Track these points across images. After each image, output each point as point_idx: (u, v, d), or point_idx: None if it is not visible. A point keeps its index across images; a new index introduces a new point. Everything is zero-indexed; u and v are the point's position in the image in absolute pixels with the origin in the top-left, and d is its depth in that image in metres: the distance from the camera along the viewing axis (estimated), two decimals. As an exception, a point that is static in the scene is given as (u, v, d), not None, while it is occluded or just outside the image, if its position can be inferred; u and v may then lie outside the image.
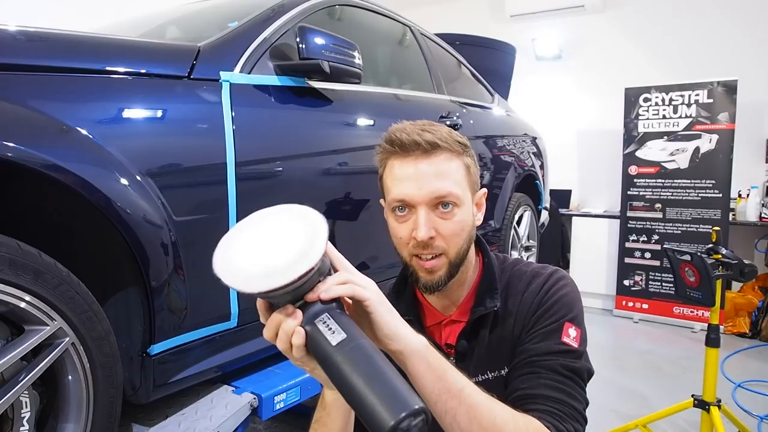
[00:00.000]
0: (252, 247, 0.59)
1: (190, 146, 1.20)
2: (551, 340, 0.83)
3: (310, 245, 0.57)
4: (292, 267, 0.55)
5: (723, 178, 3.84)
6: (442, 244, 0.85)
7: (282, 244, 0.58)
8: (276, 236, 0.59)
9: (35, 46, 1.02)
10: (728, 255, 1.97)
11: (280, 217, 0.62)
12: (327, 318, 0.59)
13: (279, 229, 0.60)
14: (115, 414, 1.05)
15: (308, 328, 0.59)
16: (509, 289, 0.92)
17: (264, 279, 0.54)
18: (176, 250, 1.13)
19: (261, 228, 0.61)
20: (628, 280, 4.22)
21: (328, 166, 1.60)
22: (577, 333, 0.85)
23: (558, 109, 5.04)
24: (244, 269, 0.56)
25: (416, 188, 0.83)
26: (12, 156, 0.87)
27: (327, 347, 0.57)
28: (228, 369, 1.34)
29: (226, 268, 0.56)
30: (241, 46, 1.40)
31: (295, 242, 0.57)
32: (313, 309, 0.59)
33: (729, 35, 4.29)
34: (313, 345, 0.59)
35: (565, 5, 4.86)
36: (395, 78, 2.40)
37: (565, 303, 0.87)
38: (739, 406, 2.64)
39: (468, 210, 0.88)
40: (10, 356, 0.86)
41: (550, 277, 0.91)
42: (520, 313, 0.89)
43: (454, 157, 0.86)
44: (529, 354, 0.83)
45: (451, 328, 0.94)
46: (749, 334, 3.74)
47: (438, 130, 0.86)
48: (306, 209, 0.62)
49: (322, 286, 0.60)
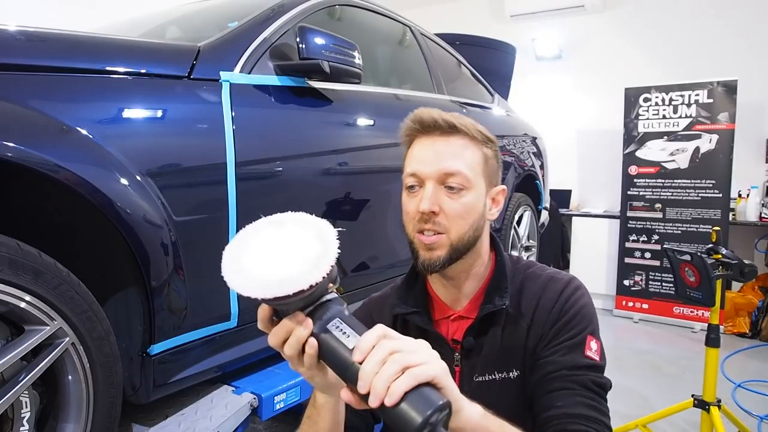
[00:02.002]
0: (262, 254, 0.57)
1: (190, 146, 1.20)
2: (576, 353, 0.84)
3: (324, 252, 0.56)
4: (309, 273, 0.54)
5: (723, 178, 3.84)
6: (444, 222, 0.85)
7: (294, 251, 0.57)
8: (286, 243, 0.58)
9: (35, 46, 1.02)
10: (728, 255, 1.97)
11: (287, 225, 0.61)
12: (339, 323, 0.58)
13: (288, 235, 0.60)
14: (115, 414, 1.05)
15: (321, 335, 0.58)
16: (523, 291, 0.92)
17: (279, 285, 0.53)
18: (176, 250, 1.13)
19: (269, 234, 0.60)
20: (628, 280, 4.22)
21: (328, 166, 1.60)
22: (597, 346, 0.86)
23: (558, 109, 5.04)
24: (257, 275, 0.55)
25: (428, 164, 0.86)
26: (12, 156, 0.87)
27: (344, 354, 0.56)
28: (228, 369, 1.34)
29: (237, 274, 0.55)
30: (241, 46, 1.40)
31: (308, 249, 0.57)
32: (323, 314, 0.58)
33: (729, 35, 4.29)
34: (327, 352, 0.58)
35: (565, 5, 4.86)
36: (395, 78, 2.40)
37: (585, 314, 0.87)
38: (739, 406, 2.64)
39: (478, 197, 0.88)
40: (10, 356, 0.86)
41: (568, 285, 0.90)
42: (537, 320, 0.88)
43: (473, 143, 0.88)
44: (558, 367, 0.83)
45: (458, 324, 0.94)
46: (749, 334, 3.74)
47: (461, 117, 0.89)
48: (312, 217, 0.62)
49: (379, 386, 0.52)
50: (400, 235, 0.95)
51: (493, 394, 0.88)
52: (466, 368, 0.91)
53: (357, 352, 0.55)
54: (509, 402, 0.88)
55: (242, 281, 0.55)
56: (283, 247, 0.58)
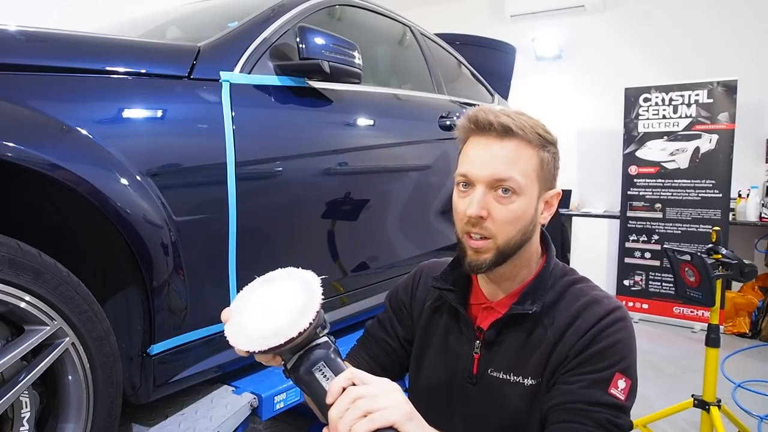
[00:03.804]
0: (256, 311, 0.68)
1: (190, 146, 1.20)
2: (599, 389, 0.80)
3: (309, 301, 0.65)
4: (295, 323, 0.63)
5: (723, 178, 3.84)
6: (491, 227, 0.84)
7: (282, 305, 0.67)
8: (276, 298, 0.69)
9: (35, 46, 1.02)
10: (728, 255, 1.97)
11: (277, 281, 0.71)
12: (323, 366, 0.66)
13: (278, 291, 0.70)
14: (115, 414, 1.05)
15: (306, 377, 0.66)
16: (561, 302, 0.89)
17: (273, 336, 0.63)
18: (176, 250, 1.13)
19: (262, 292, 0.71)
20: (628, 280, 4.22)
21: (328, 166, 1.60)
22: (626, 385, 0.81)
23: (558, 109, 5.03)
24: (253, 331, 0.65)
25: (481, 167, 0.84)
26: (12, 156, 0.87)
27: (322, 395, 0.64)
28: (228, 369, 1.34)
29: (237, 335, 0.67)
30: (241, 46, 1.40)
31: (294, 302, 0.66)
32: (310, 357, 0.66)
33: (729, 35, 4.29)
34: (310, 392, 0.66)
35: (565, 5, 4.86)
36: (395, 78, 2.40)
37: (619, 350, 0.83)
38: (739, 406, 2.64)
39: (530, 203, 0.86)
40: (10, 356, 0.86)
41: (609, 313, 0.85)
42: (566, 339, 0.85)
43: (529, 147, 0.86)
44: (575, 398, 0.80)
45: (488, 314, 0.94)
46: (749, 334, 3.74)
47: (520, 119, 0.86)
48: (299, 270, 0.71)
49: (342, 430, 0.60)
50: (400, 235, 0.95)
51: (501, 393, 0.89)
52: (484, 358, 0.92)
53: (329, 396, 0.62)
54: (514, 405, 0.87)
55: (243, 339, 0.66)
56: (274, 302, 0.68)
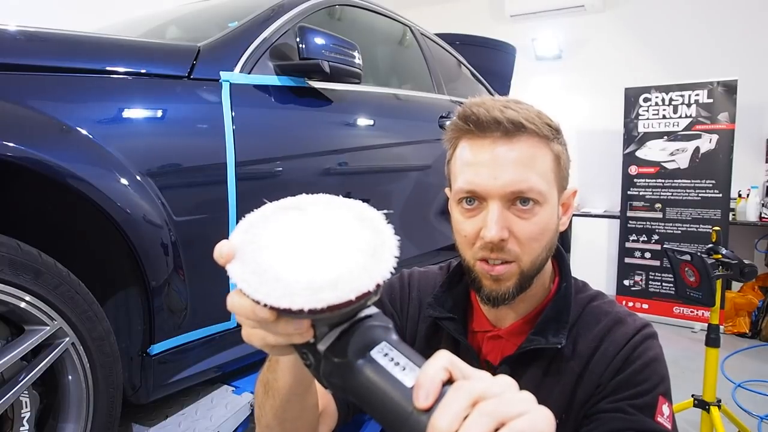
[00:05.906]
0: (288, 248, 0.41)
1: (190, 146, 1.20)
2: (646, 415, 0.68)
3: (378, 239, 0.40)
4: (369, 269, 0.38)
5: (723, 178, 3.84)
6: (515, 249, 0.69)
7: (339, 242, 0.40)
8: (318, 232, 0.42)
9: (35, 46, 1.02)
10: (728, 255, 1.96)
11: (310, 209, 0.44)
12: (388, 348, 0.40)
13: (317, 222, 0.43)
14: (115, 414, 1.05)
15: (360, 365, 0.39)
16: (580, 325, 0.76)
17: (331, 288, 0.37)
18: (176, 250, 1.13)
19: (289, 223, 0.43)
20: (628, 280, 4.22)
21: (328, 166, 1.60)
22: (669, 411, 0.71)
23: (558, 109, 5.00)
24: (291, 278, 0.38)
25: (491, 177, 0.68)
26: (12, 156, 0.87)
27: (398, 395, 0.37)
28: (228, 369, 1.34)
29: (259, 279, 0.38)
30: (241, 46, 1.40)
31: (358, 239, 0.40)
32: (364, 336, 0.40)
33: (729, 35, 4.29)
34: (369, 391, 0.38)
35: (565, 5, 4.85)
36: (395, 78, 2.40)
37: (656, 370, 0.72)
38: (739, 406, 2.64)
39: (552, 210, 0.72)
40: (10, 356, 0.86)
41: (639, 331, 0.74)
42: (593, 366, 0.72)
43: (542, 143, 0.71)
44: (625, 426, 0.68)
45: (495, 344, 0.79)
46: (749, 334, 3.73)
47: (524, 108, 0.71)
48: (342, 198, 0.45)
49: None
50: (400, 235, 0.95)
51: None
52: None
53: (420, 394, 0.35)
54: None
55: (273, 289, 0.37)
56: (316, 239, 0.41)
